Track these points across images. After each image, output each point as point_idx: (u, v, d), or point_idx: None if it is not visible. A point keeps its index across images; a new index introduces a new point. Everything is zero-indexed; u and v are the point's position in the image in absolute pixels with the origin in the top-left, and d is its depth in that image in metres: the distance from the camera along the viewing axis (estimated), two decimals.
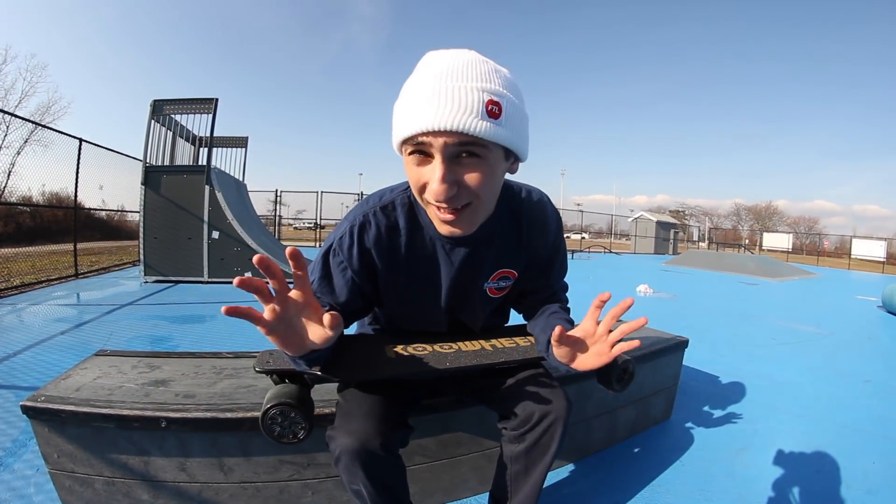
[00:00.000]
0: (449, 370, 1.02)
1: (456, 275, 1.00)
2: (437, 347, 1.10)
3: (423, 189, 0.80)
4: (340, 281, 0.97)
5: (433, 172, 0.76)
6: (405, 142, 0.77)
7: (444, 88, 0.73)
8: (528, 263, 1.08)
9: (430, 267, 1.00)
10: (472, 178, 0.78)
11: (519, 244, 1.03)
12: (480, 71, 0.76)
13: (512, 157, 0.85)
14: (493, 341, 1.17)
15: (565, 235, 1.17)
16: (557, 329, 0.84)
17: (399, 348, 1.08)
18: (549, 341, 0.99)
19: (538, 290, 1.15)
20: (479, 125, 0.72)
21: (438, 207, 0.80)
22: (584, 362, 0.91)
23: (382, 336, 1.18)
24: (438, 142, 0.73)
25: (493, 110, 0.74)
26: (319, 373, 0.94)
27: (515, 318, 1.27)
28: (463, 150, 0.75)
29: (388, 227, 0.95)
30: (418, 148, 0.76)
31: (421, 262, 0.99)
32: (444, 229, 0.85)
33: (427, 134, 0.73)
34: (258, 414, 1.16)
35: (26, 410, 1.14)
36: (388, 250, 0.96)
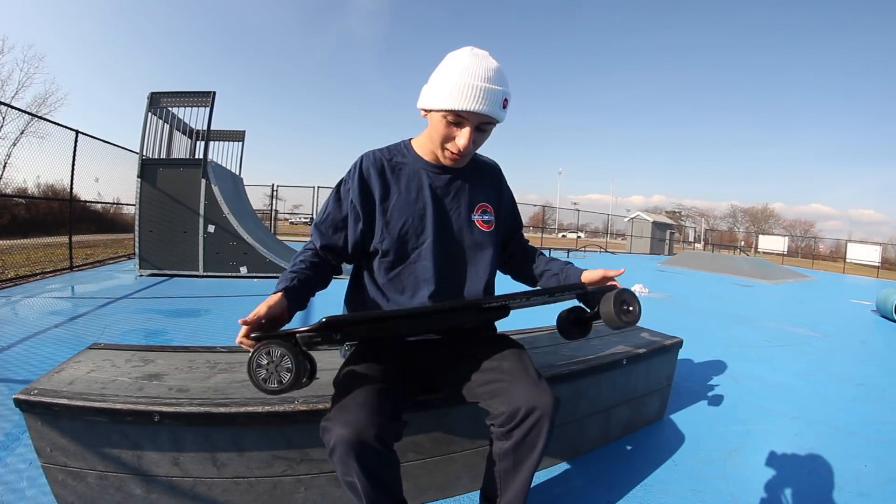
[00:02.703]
0: (446, 307, 1.10)
1: (441, 196, 1.24)
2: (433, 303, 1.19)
3: (446, 140, 1.13)
4: (345, 205, 1.21)
5: (462, 137, 1.11)
6: (448, 111, 1.08)
7: (484, 89, 1.06)
8: (502, 202, 1.36)
9: (419, 189, 1.22)
10: (479, 140, 1.17)
11: (484, 177, 1.33)
12: (503, 77, 1.10)
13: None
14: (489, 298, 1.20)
15: (561, 235, 1.25)
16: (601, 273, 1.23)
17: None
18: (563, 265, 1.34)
19: (516, 239, 1.44)
20: (499, 114, 1.11)
21: (452, 153, 1.15)
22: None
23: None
24: (476, 119, 1.09)
25: (504, 104, 1.12)
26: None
27: (517, 318, 1.27)
28: (483, 125, 1.13)
29: (385, 159, 1.24)
30: (456, 117, 1.09)
31: (411, 186, 1.22)
32: (448, 163, 1.20)
33: (469, 112, 1.07)
34: (251, 409, 1.17)
35: (19, 404, 1.13)
36: (382, 175, 1.21)
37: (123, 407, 1.13)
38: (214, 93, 6.42)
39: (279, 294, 1.02)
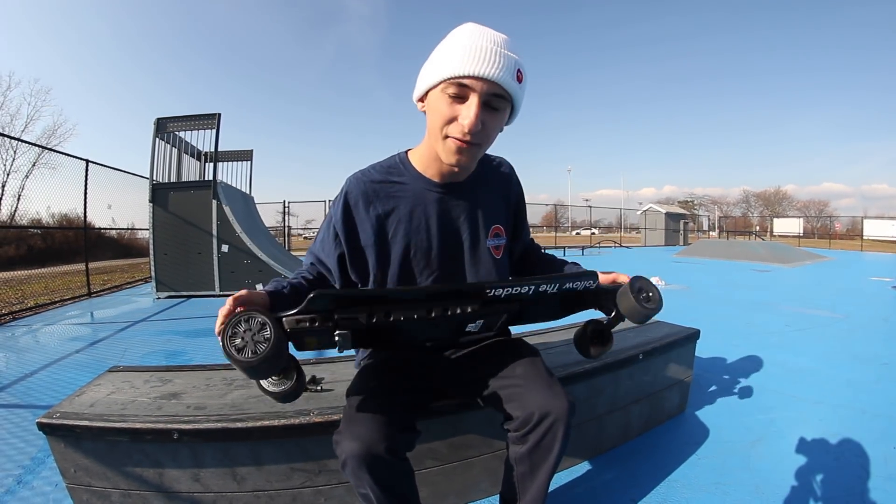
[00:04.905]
0: (445, 290, 0.95)
1: (452, 220, 1.11)
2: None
3: (449, 122, 0.94)
4: (329, 241, 1.11)
5: (468, 110, 0.91)
6: (449, 80, 0.91)
7: (492, 50, 0.90)
8: (513, 216, 1.23)
9: (423, 217, 1.09)
10: (491, 122, 0.95)
11: (492, 189, 1.17)
12: (513, 47, 0.93)
13: (508, 118, 1.02)
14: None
15: (575, 232, 1.20)
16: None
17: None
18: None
19: (525, 246, 1.32)
20: (511, 84, 0.92)
21: (457, 140, 0.94)
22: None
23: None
24: (481, 87, 0.90)
25: (519, 76, 0.94)
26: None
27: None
28: (493, 99, 0.92)
29: (377, 183, 1.08)
30: (460, 89, 0.91)
31: (414, 213, 1.08)
32: (453, 159, 0.98)
33: (474, 78, 0.89)
34: (268, 423, 1.18)
35: (42, 427, 1.16)
36: (374, 206, 1.07)
37: (143, 426, 1.15)
38: (219, 115, 6.52)
39: (263, 292, 0.97)
